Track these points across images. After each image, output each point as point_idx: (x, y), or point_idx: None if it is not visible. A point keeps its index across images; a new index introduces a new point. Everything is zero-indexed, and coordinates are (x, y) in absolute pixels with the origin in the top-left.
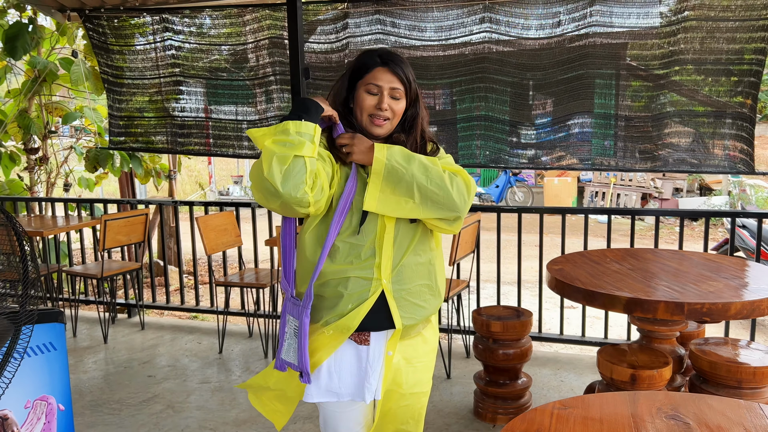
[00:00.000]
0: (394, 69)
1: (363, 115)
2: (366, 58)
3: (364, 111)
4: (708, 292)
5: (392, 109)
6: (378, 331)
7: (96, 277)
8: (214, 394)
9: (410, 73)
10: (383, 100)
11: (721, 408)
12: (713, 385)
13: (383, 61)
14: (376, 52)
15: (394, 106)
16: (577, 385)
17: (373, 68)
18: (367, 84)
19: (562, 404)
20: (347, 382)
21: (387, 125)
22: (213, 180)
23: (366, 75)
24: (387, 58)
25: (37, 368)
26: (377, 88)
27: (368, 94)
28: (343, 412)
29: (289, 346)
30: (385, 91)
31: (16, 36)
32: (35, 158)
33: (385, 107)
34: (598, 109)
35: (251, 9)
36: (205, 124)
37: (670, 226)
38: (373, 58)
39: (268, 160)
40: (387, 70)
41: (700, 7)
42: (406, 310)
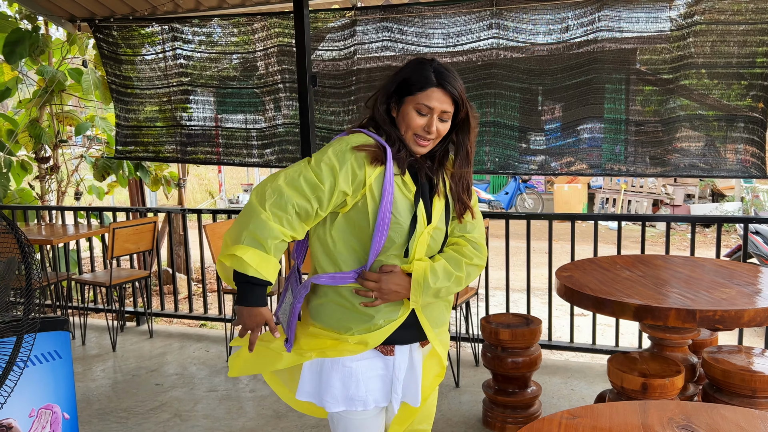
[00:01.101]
0: (450, 90)
1: (407, 132)
2: (419, 74)
3: (409, 129)
4: (720, 299)
5: (438, 131)
6: (403, 344)
7: (105, 285)
8: (222, 403)
9: (462, 90)
10: (432, 123)
11: (735, 418)
12: (727, 394)
13: (438, 81)
14: (431, 66)
15: (440, 127)
16: (587, 394)
17: (427, 88)
18: (419, 103)
19: (570, 414)
20: (373, 390)
21: (430, 145)
22: (223, 188)
23: (419, 93)
24: (442, 78)
25: (42, 377)
26: (428, 110)
27: (418, 114)
28: (367, 421)
29: (284, 312)
30: (435, 114)
31: (16, 42)
32: (46, 167)
33: (433, 130)
34: (608, 114)
35: (260, 17)
36: (215, 132)
37: (682, 232)
38: (428, 76)
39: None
40: (442, 91)
41: (710, 11)
42: (432, 324)
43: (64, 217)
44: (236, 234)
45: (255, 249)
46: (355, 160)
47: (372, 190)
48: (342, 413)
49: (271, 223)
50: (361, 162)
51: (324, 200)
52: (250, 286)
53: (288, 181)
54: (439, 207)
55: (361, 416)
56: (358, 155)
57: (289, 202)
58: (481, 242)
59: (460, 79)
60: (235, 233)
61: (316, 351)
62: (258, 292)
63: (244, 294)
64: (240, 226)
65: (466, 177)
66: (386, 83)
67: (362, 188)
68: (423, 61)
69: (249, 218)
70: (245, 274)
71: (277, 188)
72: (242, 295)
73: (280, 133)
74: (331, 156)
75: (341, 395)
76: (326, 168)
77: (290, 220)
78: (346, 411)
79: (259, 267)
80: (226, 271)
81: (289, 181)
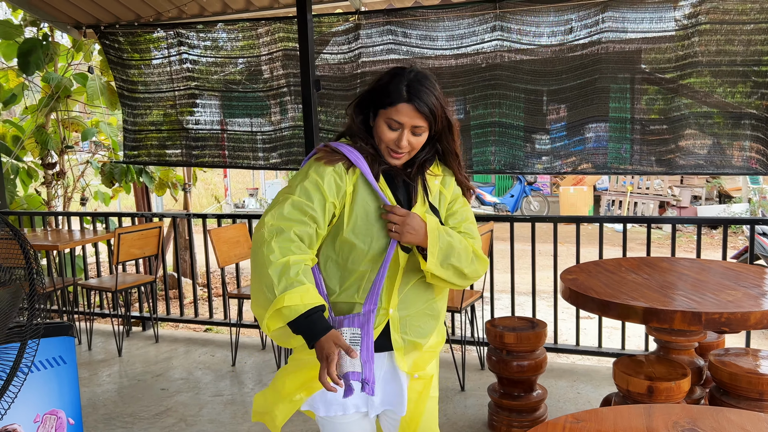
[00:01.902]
0: (419, 106)
1: (381, 144)
2: (392, 87)
3: (382, 142)
4: (727, 302)
5: (411, 144)
6: (379, 352)
7: (111, 291)
8: (227, 407)
9: (437, 105)
10: (402, 138)
11: (741, 421)
12: (734, 397)
13: (409, 96)
14: (404, 79)
15: (414, 141)
16: (593, 398)
17: (397, 103)
18: (389, 118)
19: (574, 417)
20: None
21: (404, 158)
22: (229, 193)
23: (389, 108)
24: (413, 93)
25: (46, 382)
26: (398, 125)
27: (389, 129)
28: (351, 425)
29: (344, 358)
30: (406, 128)
31: (29, 52)
32: (52, 173)
33: (403, 144)
34: (613, 113)
35: (264, 22)
36: (221, 136)
37: (689, 234)
38: (399, 90)
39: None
40: (412, 107)
41: (714, 11)
42: (407, 332)
43: (70, 223)
44: (263, 294)
45: (288, 291)
46: (334, 171)
47: (349, 196)
48: (325, 418)
49: (284, 259)
50: (340, 172)
51: (318, 218)
52: (311, 321)
53: (278, 216)
54: (418, 212)
55: (341, 420)
56: (336, 167)
57: (290, 232)
58: (480, 254)
59: (436, 90)
60: (261, 294)
61: (303, 390)
62: (319, 319)
63: (311, 330)
64: (261, 284)
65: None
66: (362, 93)
67: (345, 196)
68: (399, 72)
69: (264, 270)
70: (299, 316)
71: (272, 226)
72: (309, 332)
73: (286, 136)
74: (312, 174)
75: (321, 400)
76: (310, 186)
77: (299, 246)
78: (326, 415)
79: (304, 299)
80: (283, 335)
81: (278, 215)
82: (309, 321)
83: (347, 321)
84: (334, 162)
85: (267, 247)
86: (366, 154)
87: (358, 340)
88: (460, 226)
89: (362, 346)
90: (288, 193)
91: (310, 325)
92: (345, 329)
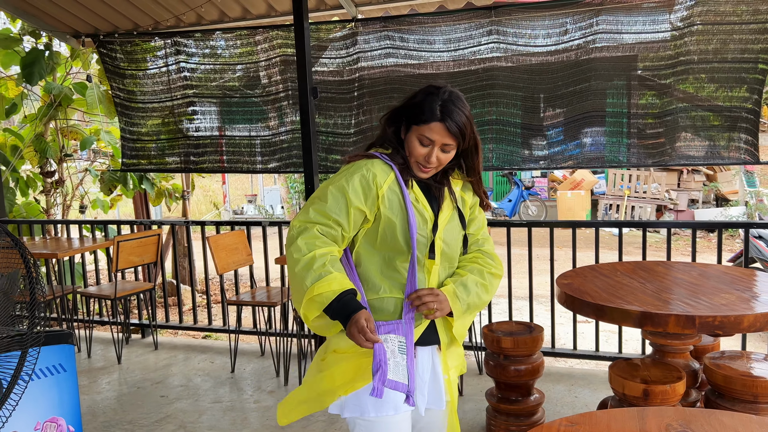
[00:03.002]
0: (451, 126)
1: (411, 158)
2: (426, 106)
3: (412, 156)
4: (720, 305)
5: (440, 160)
6: (424, 346)
7: (110, 298)
8: (226, 414)
9: (467, 124)
10: (432, 154)
11: (733, 424)
12: (729, 399)
13: (442, 116)
14: (438, 99)
15: (442, 157)
16: (591, 401)
17: (430, 121)
18: (421, 135)
19: (569, 421)
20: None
21: (431, 172)
22: (227, 199)
23: (422, 125)
24: (446, 113)
25: (46, 390)
26: (430, 142)
27: (420, 145)
28: (399, 423)
29: (396, 365)
30: (437, 146)
31: (33, 62)
32: (51, 181)
33: (433, 160)
34: (609, 117)
35: (261, 30)
36: (219, 142)
37: (686, 238)
38: (433, 109)
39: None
40: (443, 127)
41: (707, 13)
42: (447, 326)
43: (70, 231)
44: (297, 287)
45: (319, 281)
46: (362, 177)
47: (385, 200)
48: (371, 419)
49: (311, 253)
50: (370, 177)
51: (342, 221)
52: (342, 303)
53: (304, 218)
54: (445, 216)
55: (392, 420)
56: (365, 173)
57: (314, 228)
58: (494, 253)
59: (467, 110)
60: (296, 288)
61: (342, 389)
62: (350, 300)
63: (344, 310)
64: (295, 279)
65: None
66: (398, 106)
67: (377, 199)
68: (434, 91)
69: (294, 268)
70: (332, 302)
71: (299, 227)
72: (343, 313)
73: (285, 141)
74: (340, 179)
75: (370, 400)
76: (336, 191)
77: (325, 241)
78: (376, 416)
79: (332, 286)
80: (323, 325)
81: (304, 218)
82: (341, 303)
83: (390, 328)
84: (369, 167)
85: (294, 246)
86: (397, 164)
87: (404, 349)
88: (479, 233)
89: (408, 355)
90: (316, 197)
91: (343, 307)
92: (392, 336)
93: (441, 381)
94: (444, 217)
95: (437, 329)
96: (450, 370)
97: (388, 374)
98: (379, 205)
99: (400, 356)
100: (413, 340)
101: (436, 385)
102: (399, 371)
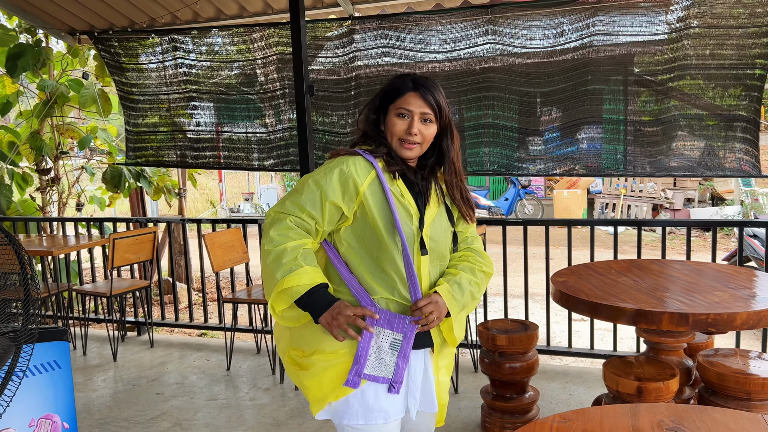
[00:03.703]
0: (425, 94)
1: (393, 138)
2: (398, 83)
3: (394, 135)
4: (714, 303)
5: (422, 134)
6: (417, 349)
7: (106, 296)
8: (222, 411)
9: (442, 99)
10: (413, 125)
11: (725, 420)
12: (722, 397)
13: (415, 86)
14: (409, 76)
15: (424, 130)
16: (586, 399)
17: (404, 93)
18: (398, 108)
19: (562, 417)
20: (394, 400)
21: (417, 149)
22: (224, 198)
23: (397, 99)
24: (419, 83)
25: (41, 386)
26: (408, 113)
27: (399, 118)
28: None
29: (379, 361)
30: (415, 116)
31: (17, 55)
32: (47, 179)
33: (415, 132)
34: (606, 115)
35: (258, 28)
36: (217, 138)
37: (682, 236)
38: (406, 83)
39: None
40: (418, 95)
41: (704, 15)
42: (439, 328)
43: (65, 229)
44: (268, 279)
45: (290, 274)
46: (341, 172)
47: (367, 198)
48: (360, 426)
49: (282, 246)
50: (349, 172)
51: (316, 215)
52: (312, 299)
53: (278, 208)
54: (431, 211)
55: (382, 428)
56: (344, 168)
57: (287, 218)
58: (483, 252)
59: (440, 88)
60: (267, 280)
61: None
62: (322, 296)
63: (315, 304)
64: (267, 270)
65: (459, 185)
66: (371, 99)
67: (357, 197)
68: (404, 74)
69: (266, 258)
70: (302, 296)
71: (274, 214)
72: (314, 307)
73: (281, 139)
74: (318, 174)
75: (360, 407)
76: (313, 185)
77: (298, 233)
78: (365, 424)
79: (302, 280)
80: (293, 316)
81: (279, 208)
82: (311, 299)
83: (390, 323)
84: (348, 163)
85: (266, 238)
86: (381, 156)
87: (397, 347)
88: (468, 231)
89: (400, 353)
90: (294, 189)
91: (312, 302)
92: (387, 331)
93: (432, 384)
94: (430, 212)
95: (430, 331)
96: (440, 370)
97: (366, 368)
98: (360, 202)
99: (388, 352)
100: (412, 340)
101: (428, 388)
102: (381, 367)
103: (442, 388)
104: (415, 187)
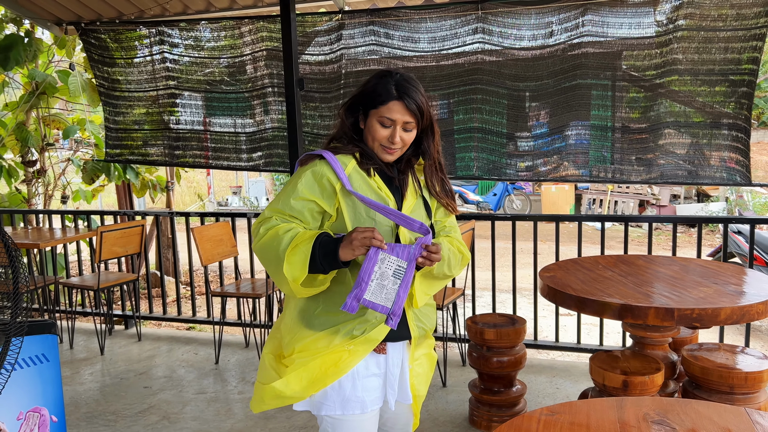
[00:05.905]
0: (409, 104)
1: (374, 143)
2: (381, 88)
3: (376, 140)
4: (698, 298)
5: (404, 140)
6: (395, 341)
7: (93, 289)
8: (210, 405)
9: (423, 102)
10: (395, 134)
11: (708, 413)
12: (706, 390)
13: (399, 94)
14: (392, 79)
15: (405, 137)
16: (572, 392)
17: (387, 101)
18: (381, 116)
19: (549, 410)
20: (370, 390)
21: (397, 153)
22: (212, 191)
23: (380, 107)
24: (402, 91)
25: (29, 380)
26: (391, 122)
27: (381, 126)
28: (364, 422)
29: (381, 287)
30: (398, 125)
31: (9, 47)
32: (33, 171)
33: (397, 140)
34: (594, 119)
35: (247, 21)
36: (204, 136)
37: (668, 232)
38: (389, 89)
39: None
40: (402, 104)
41: (692, 16)
42: (418, 321)
43: (52, 221)
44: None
45: (292, 241)
46: (313, 171)
47: (342, 197)
48: (337, 416)
49: (274, 229)
50: (321, 172)
51: (297, 215)
52: (324, 243)
53: (262, 217)
54: (409, 204)
55: (358, 419)
56: (316, 168)
57: (272, 219)
58: (461, 240)
59: (421, 90)
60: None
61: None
62: (327, 240)
63: (329, 244)
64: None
65: (441, 178)
66: (351, 97)
67: (335, 194)
68: (386, 74)
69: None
70: (313, 248)
71: (261, 221)
72: (328, 247)
73: (269, 137)
74: (292, 181)
75: (338, 397)
76: (291, 190)
77: (286, 222)
78: (342, 414)
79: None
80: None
81: (262, 217)
82: (324, 250)
83: (397, 251)
84: (311, 164)
85: (257, 236)
86: (352, 153)
87: (401, 275)
88: (446, 220)
89: (402, 282)
90: (271, 201)
91: (324, 249)
92: (393, 258)
93: (407, 375)
94: (408, 205)
95: (408, 323)
96: (416, 361)
97: (366, 293)
98: (339, 199)
99: (391, 280)
100: (413, 272)
101: (404, 380)
102: (382, 294)
103: (418, 379)
104: (394, 181)
